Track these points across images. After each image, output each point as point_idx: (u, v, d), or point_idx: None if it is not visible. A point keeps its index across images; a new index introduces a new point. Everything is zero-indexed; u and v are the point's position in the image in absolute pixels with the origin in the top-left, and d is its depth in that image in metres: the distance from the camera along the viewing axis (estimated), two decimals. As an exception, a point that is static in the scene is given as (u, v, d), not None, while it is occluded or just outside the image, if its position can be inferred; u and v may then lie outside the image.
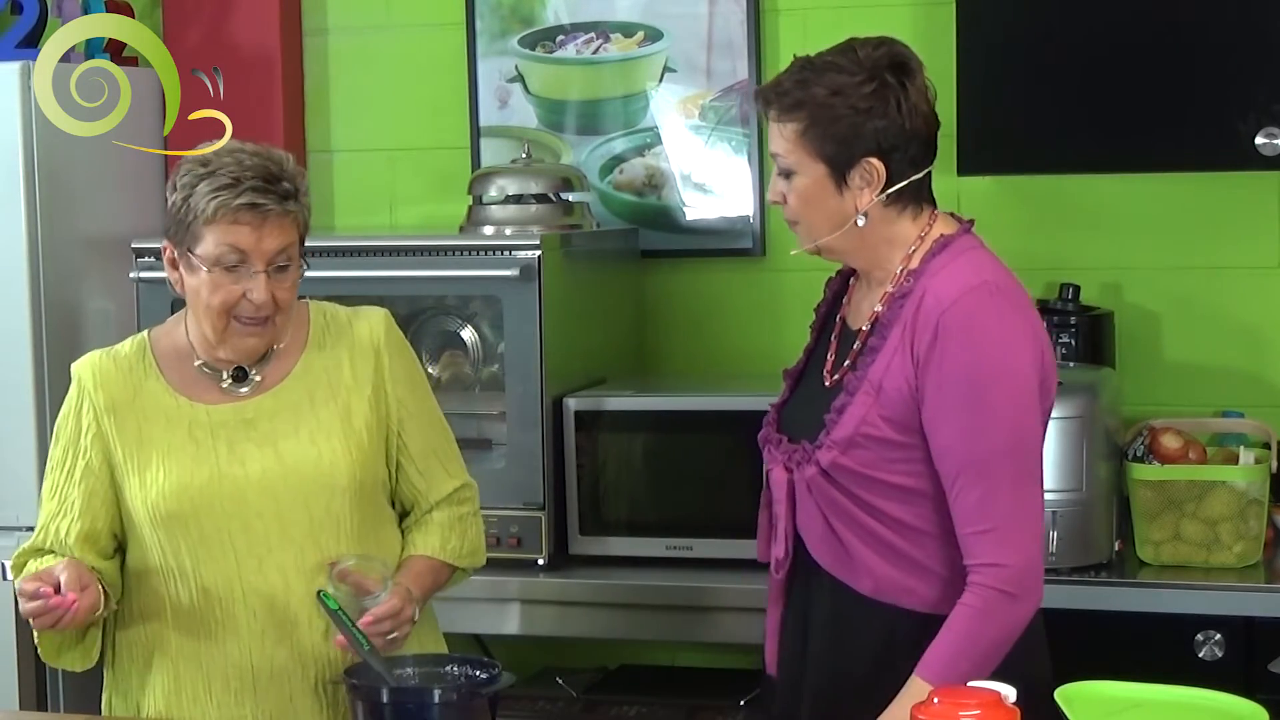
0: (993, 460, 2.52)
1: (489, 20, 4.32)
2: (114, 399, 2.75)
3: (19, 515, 4.11)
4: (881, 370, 2.59)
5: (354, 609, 2.62)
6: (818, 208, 2.64)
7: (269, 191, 2.64)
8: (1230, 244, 3.90)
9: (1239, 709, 2.27)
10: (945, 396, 2.54)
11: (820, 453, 2.63)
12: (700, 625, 3.65)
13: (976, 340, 2.53)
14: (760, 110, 2.70)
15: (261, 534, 2.69)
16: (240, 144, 2.72)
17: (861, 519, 2.62)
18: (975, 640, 2.51)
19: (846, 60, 2.63)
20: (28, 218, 4.09)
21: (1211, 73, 3.51)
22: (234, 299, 2.66)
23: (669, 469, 3.75)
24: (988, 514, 2.52)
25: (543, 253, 3.67)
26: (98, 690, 2.97)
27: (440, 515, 2.85)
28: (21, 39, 4.23)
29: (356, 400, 2.77)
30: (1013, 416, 2.53)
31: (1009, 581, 2.51)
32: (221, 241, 2.63)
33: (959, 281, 2.57)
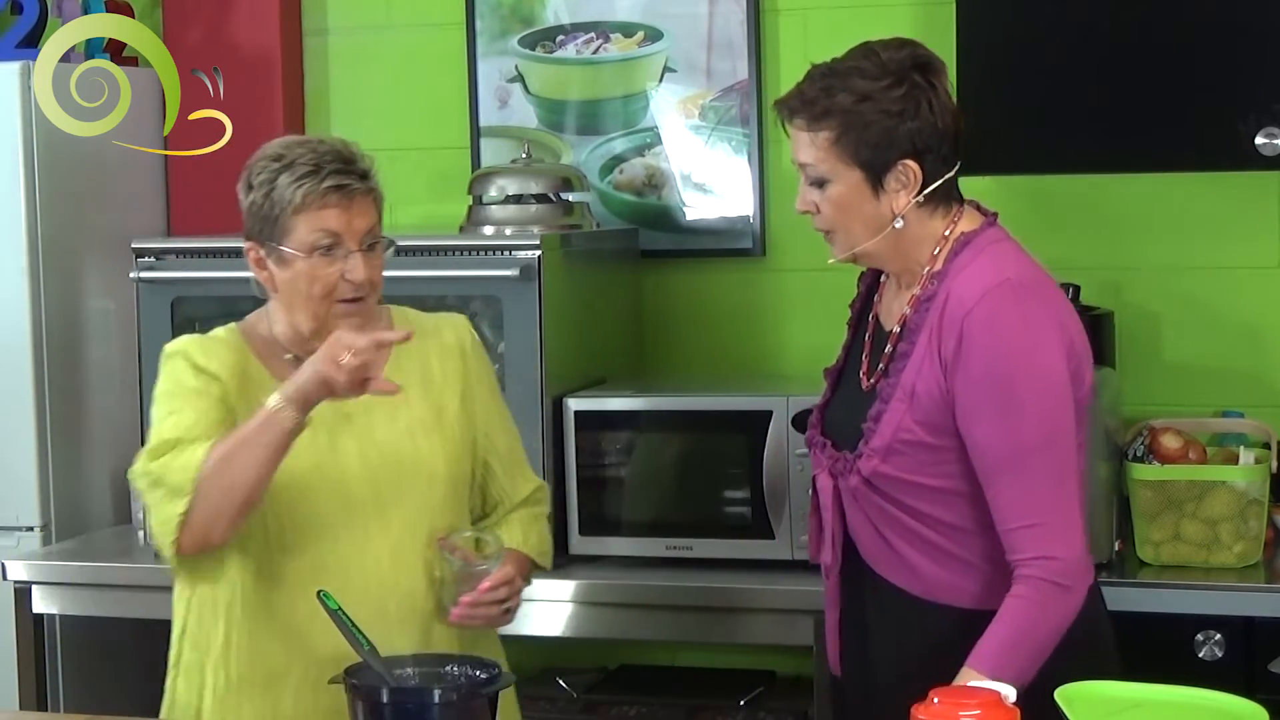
0: (1030, 456, 2.54)
1: (489, 20, 4.32)
2: (229, 370, 2.74)
3: (19, 515, 4.12)
4: (913, 376, 2.61)
5: (466, 580, 2.69)
6: (855, 214, 2.65)
7: (349, 172, 2.69)
8: (1230, 244, 3.90)
9: (1239, 709, 2.27)
10: (976, 397, 2.56)
11: (861, 462, 2.65)
12: (700, 625, 3.65)
13: (1000, 339, 2.55)
14: (784, 120, 2.69)
15: (361, 522, 2.71)
16: (304, 136, 2.80)
17: (907, 523, 2.65)
18: (1031, 632, 2.53)
19: (870, 64, 2.63)
20: (28, 218, 4.09)
21: (1211, 73, 3.51)
22: (333, 282, 2.69)
23: (669, 469, 3.75)
24: (1031, 509, 2.54)
25: (543, 253, 3.67)
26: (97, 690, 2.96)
27: (520, 514, 2.92)
28: (21, 39, 4.23)
29: (448, 398, 2.83)
30: (1045, 411, 2.55)
31: (1061, 573, 2.53)
32: (314, 227, 2.67)
33: (980, 282, 2.58)
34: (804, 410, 3.56)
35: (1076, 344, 2.63)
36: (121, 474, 4.20)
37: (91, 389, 4.23)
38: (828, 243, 2.73)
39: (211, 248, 3.94)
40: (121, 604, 3.94)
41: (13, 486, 4.11)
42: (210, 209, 4.41)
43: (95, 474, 4.24)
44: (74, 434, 4.19)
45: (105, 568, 3.96)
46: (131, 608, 3.94)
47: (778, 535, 3.61)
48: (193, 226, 4.40)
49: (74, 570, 3.96)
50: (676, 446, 3.76)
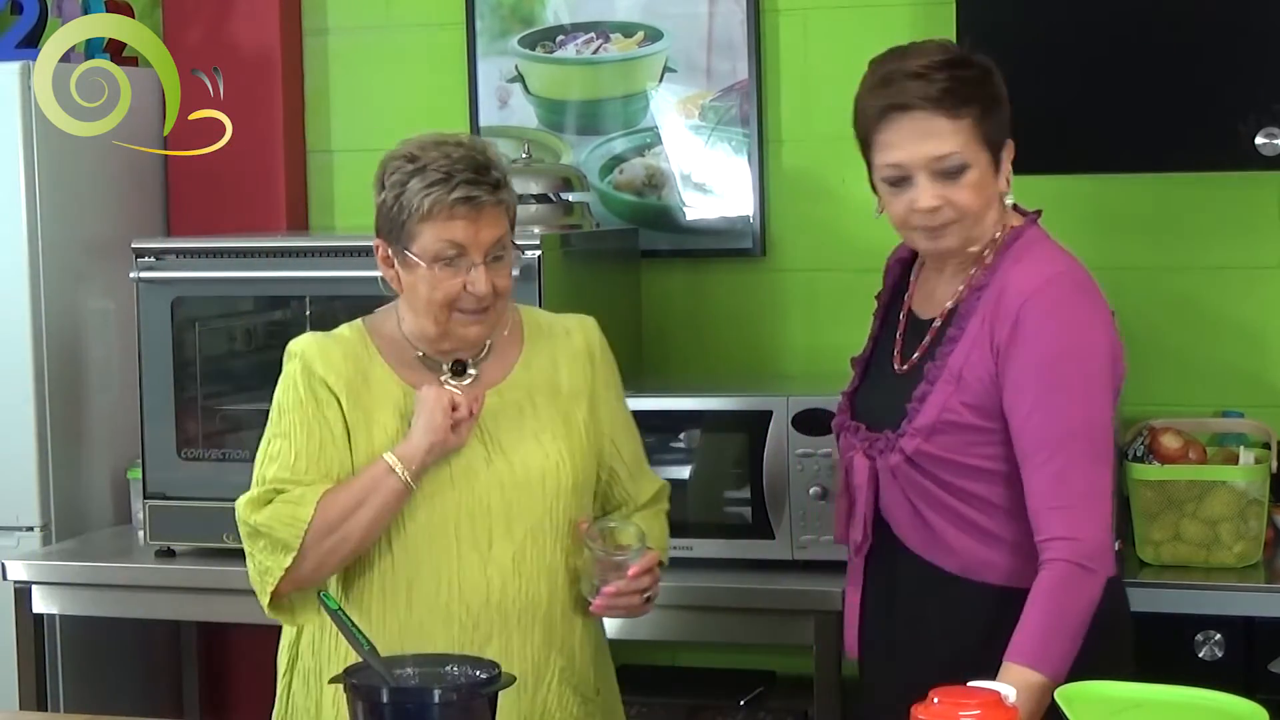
0: (1069, 438, 2.59)
1: (489, 20, 4.32)
2: (344, 379, 2.72)
3: (19, 515, 4.12)
4: (961, 360, 2.66)
5: (610, 569, 2.70)
6: (986, 199, 2.69)
7: (481, 183, 2.65)
8: (1230, 244, 3.90)
9: (1239, 709, 2.27)
10: (1025, 379, 2.61)
11: (904, 440, 2.69)
12: (700, 625, 3.65)
13: (1055, 326, 2.62)
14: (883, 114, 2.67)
15: (485, 528, 2.70)
16: (442, 135, 2.72)
17: (946, 500, 2.69)
18: (1062, 617, 2.56)
19: (961, 55, 2.71)
20: (28, 218, 4.09)
21: (1211, 73, 3.51)
22: (455, 292, 2.67)
23: (669, 469, 3.75)
24: (1063, 490, 2.58)
25: (543, 253, 3.67)
26: (97, 690, 2.96)
27: (644, 512, 2.91)
28: (21, 39, 4.23)
29: (575, 404, 2.81)
30: (1088, 396, 2.62)
31: (1084, 555, 2.57)
32: (439, 237, 2.64)
33: (1038, 273, 2.65)
34: (804, 410, 3.59)
35: (1116, 343, 2.71)
36: (122, 474, 4.22)
37: (91, 389, 4.24)
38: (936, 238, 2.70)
39: (211, 248, 3.94)
40: (121, 604, 3.94)
41: (13, 486, 4.12)
42: (210, 209, 4.42)
43: (95, 474, 4.24)
44: (74, 434, 4.19)
45: (105, 568, 3.96)
46: (131, 608, 3.95)
47: (778, 535, 3.61)
48: (193, 226, 4.40)
49: (74, 570, 3.96)
50: (676, 446, 3.76)
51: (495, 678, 2.46)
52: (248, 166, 4.36)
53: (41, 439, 4.12)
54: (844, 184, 4.09)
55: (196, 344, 4.03)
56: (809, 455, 3.58)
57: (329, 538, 2.64)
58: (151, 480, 3.94)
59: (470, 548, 2.70)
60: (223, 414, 4.00)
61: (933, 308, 2.77)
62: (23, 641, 3.93)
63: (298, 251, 3.90)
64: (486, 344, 2.77)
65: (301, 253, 3.90)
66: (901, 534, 2.75)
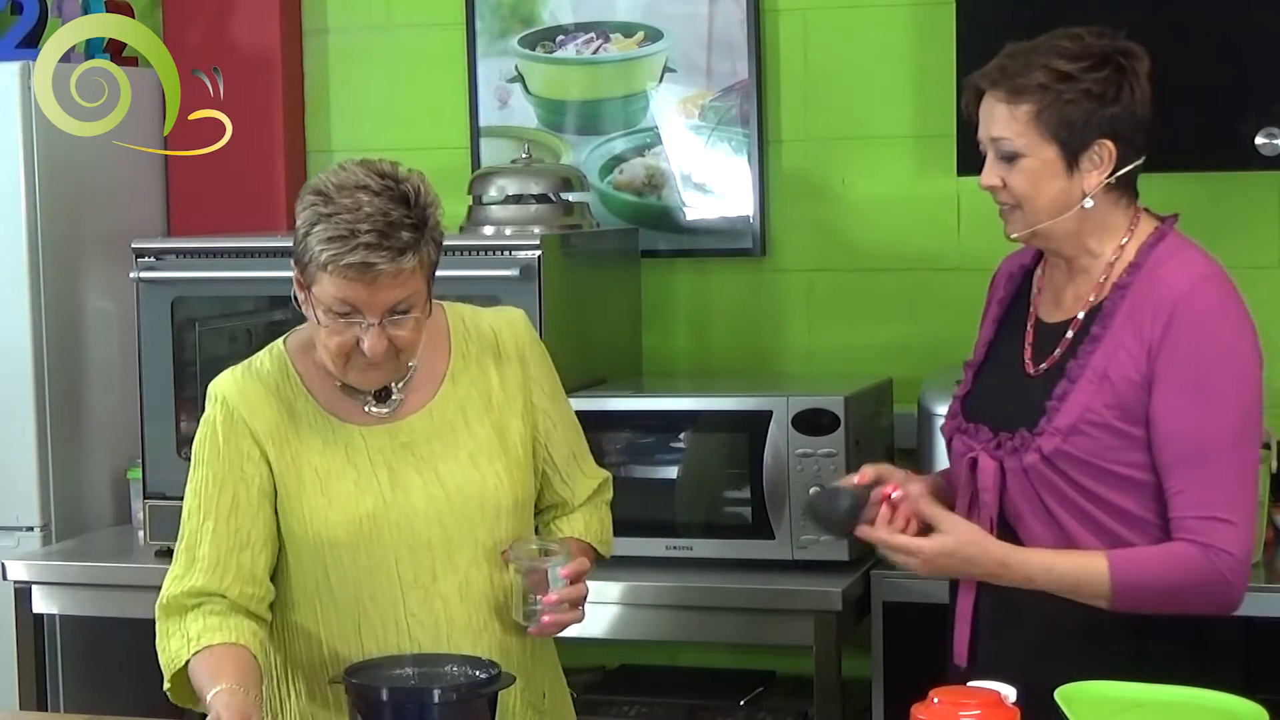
0: (1222, 449, 2.57)
1: (489, 20, 4.32)
2: (269, 422, 2.62)
3: (19, 515, 4.12)
4: (1106, 358, 2.63)
5: (538, 584, 2.61)
6: (1044, 190, 2.66)
7: (383, 248, 2.45)
8: (1230, 244, 3.88)
9: (1239, 709, 2.27)
10: (1177, 381, 2.58)
11: (1042, 439, 2.65)
12: (700, 625, 3.65)
13: (1212, 327, 2.59)
14: (977, 92, 2.70)
15: (428, 563, 2.62)
16: (367, 173, 2.51)
17: (1083, 505, 2.64)
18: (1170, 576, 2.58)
19: (1072, 44, 2.67)
20: (28, 218, 4.09)
21: (1211, 73, 3.51)
22: (349, 345, 2.53)
23: (669, 469, 3.75)
24: (1214, 502, 2.57)
25: (543, 253, 3.67)
26: (97, 690, 2.96)
27: (583, 508, 2.83)
28: (21, 39, 4.23)
29: (510, 415, 2.70)
30: (1243, 407, 2.60)
31: (1229, 567, 2.57)
32: (334, 294, 2.49)
33: (1192, 271, 2.63)
34: (804, 410, 3.58)
35: (1260, 348, 2.67)
36: (122, 474, 4.22)
37: (91, 389, 4.24)
38: (1003, 219, 2.72)
39: (211, 248, 3.94)
40: (121, 604, 3.94)
41: (13, 486, 4.12)
42: (210, 209, 4.42)
43: (95, 474, 4.24)
44: (74, 434, 4.19)
45: (105, 568, 3.96)
46: (131, 608, 3.94)
47: (778, 535, 3.61)
48: (193, 226, 4.40)
49: (74, 570, 3.96)
50: (676, 446, 3.77)
51: (495, 678, 2.46)
52: (248, 166, 4.36)
53: (41, 439, 4.12)
54: (844, 184, 4.10)
55: (196, 344, 4.03)
56: (809, 455, 3.58)
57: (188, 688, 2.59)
58: (151, 480, 3.94)
59: (413, 585, 2.62)
60: (223, 414, 3.99)
61: (1060, 311, 2.73)
62: (23, 641, 3.93)
63: (298, 251, 3.90)
64: (410, 366, 2.65)
65: (301, 253, 3.89)
66: (1029, 538, 2.68)
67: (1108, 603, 2.60)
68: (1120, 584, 2.58)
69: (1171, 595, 2.59)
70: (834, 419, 3.56)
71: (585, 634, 3.73)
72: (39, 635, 3.95)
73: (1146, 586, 2.59)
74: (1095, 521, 2.64)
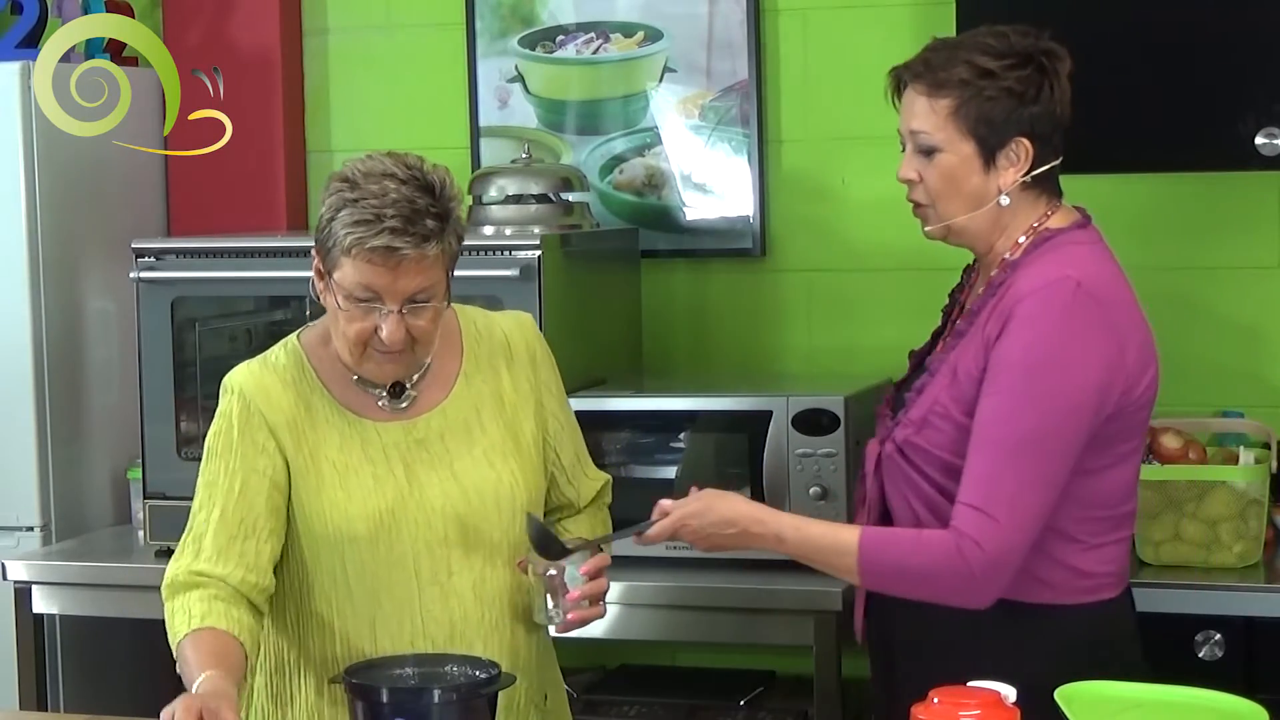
0: (1012, 445, 2.54)
1: (489, 20, 4.32)
2: (285, 414, 2.63)
3: (19, 515, 4.12)
4: (960, 354, 2.64)
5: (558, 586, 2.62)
6: (959, 186, 2.67)
7: (408, 233, 2.49)
8: (1230, 244, 3.90)
9: (1239, 709, 2.27)
10: (995, 377, 2.57)
11: (897, 430, 2.69)
12: (700, 625, 3.65)
13: (1038, 330, 2.57)
14: (900, 86, 2.72)
15: (444, 559, 2.63)
16: (393, 162, 2.55)
17: (930, 495, 2.66)
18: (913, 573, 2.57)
19: (997, 42, 2.67)
20: (28, 218, 4.09)
21: (1211, 73, 3.51)
22: (367, 332, 2.55)
23: (669, 469, 3.75)
24: (990, 496, 2.54)
25: (543, 253, 3.67)
26: (97, 690, 2.95)
27: (585, 511, 2.85)
28: (21, 39, 4.23)
29: (522, 416, 2.72)
30: (1049, 409, 2.55)
31: (981, 564, 2.53)
32: (355, 279, 2.51)
33: (1044, 275, 2.61)
34: (804, 410, 3.59)
35: (1130, 359, 2.61)
36: (122, 474, 4.22)
37: (91, 389, 4.24)
38: (918, 216, 2.74)
39: (211, 248, 3.94)
40: (121, 604, 3.94)
41: (13, 486, 4.12)
42: (210, 209, 4.42)
43: (95, 474, 4.24)
44: (74, 434, 4.19)
45: (105, 568, 3.96)
46: (131, 608, 3.94)
47: (778, 535, 3.60)
48: (193, 226, 4.40)
49: (74, 570, 3.96)
50: (676, 446, 3.77)
51: (495, 677, 2.46)
52: (248, 166, 4.36)
53: (41, 439, 4.12)
54: (844, 184, 4.10)
55: (196, 344, 4.03)
56: (809, 455, 3.58)
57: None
58: (151, 480, 3.94)
59: (430, 581, 2.63)
60: (223, 414, 3.99)
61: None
62: (23, 641, 3.93)
63: (298, 251, 3.90)
64: (425, 364, 2.67)
65: (301, 253, 3.87)
66: (897, 522, 2.72)
67: (857, 578, 2.62)
68: (867, 560, 2.59)
69: (917, 579, 2.59)
70: (834, 419, 3.57)
71: (585, 634, 3.71)
72: (39, 635, 3.95)
73: (894, 565, 2.59)
74: (942, 513, 2.64)
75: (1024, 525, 2.55)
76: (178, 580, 2.63)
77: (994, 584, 2.56)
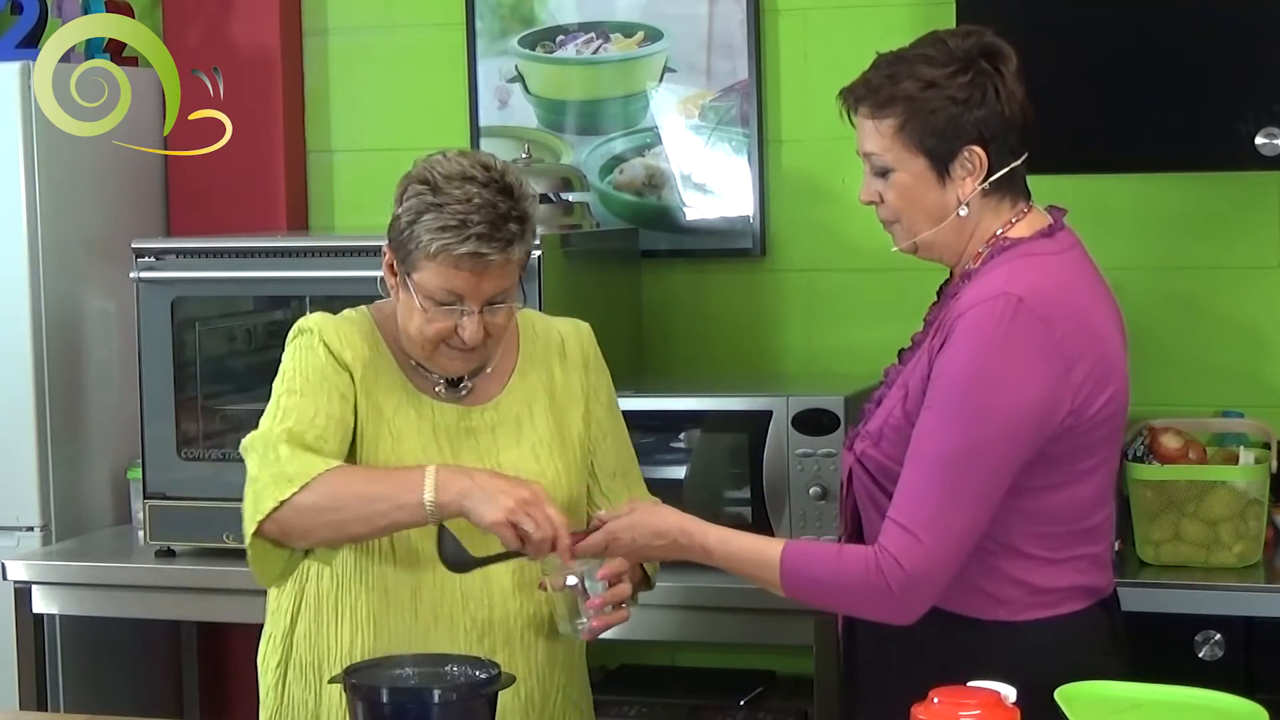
0: (938, 462, 2.49)
1: (489, 20, 4.32)
2: (360, 360, 2.66)
3: (19, 515, 4.12)
4: (911, 367, 2.63)
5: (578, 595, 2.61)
6: (918, 203, 2.63)
7: (494, 239, 2.53)
8: (1230, 244, 3.90)
9: (1239, 709, 2.27)
10: (931, 392, 2.54)
11: (857, 442, 2.68)
12: (700, 625, 3.65)
13: (972, 346, 2.51)
14: (848, 109, 2.68)
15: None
16: (473, 165, 2.58)
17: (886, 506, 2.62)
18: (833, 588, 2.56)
19: (937, 51, 2.62)
20: (28, 218, 4.09)
21: (1211, 73, 3.51)
22: (447, 332, 2.59)
23: (668, 469, 3.75)
24: (913, 509, 2.50)
25: (543, 253, 3.67)
26: (97, 690, 2.95)
27: None
28: (21, 39, 4.23)
29: (571, 415, 2.76)
30: (977, 428, 2.49)
31: (900, 582, 2.49)
32: (439, 283, 2.56)
33: (984, 290, 2.55)
34: (804, 410, 3.59)
35: (1078, 377, 2.53)
36: (122, 474, 4.21)
37: (91, 389, 4.23)
38: (889, 233, 2.72)
39: (211, 248, 3.94)
40: (121, 604, 3.94)
41: (13, 486, 4.11)
42: (210, 209, 4.42)
43: (95, 474, 4.24)
44: (74, 434, 4.19)
45: (105, 568, 3.96)
46: (131, 608, 3.95)
47: (778, 535, 3.60)
48: (193, 226, 4.40)
49: (74, 570, 3.96)
50: (676, 447, 3.76)
51: (495, 678, 2.46)
52: (248, 166, 4.36)
53: (41, 439, 4.11)
54: (844, 184, 4.09)
55: (196, 344, 4.03)
56: (809, 455, 3.58)
57: (331, 510, 2.52)
58: (151, 480, 3.94)
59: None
60: (223, 414, 4.00)
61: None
62: (23, 641, 3.93)
63: (298, 251, 3.90)
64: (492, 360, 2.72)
65: (301, 253, 3.90)
66: (868, 535, 2.67)
67: (781, 590, 2.60)
68: (789, 573, 2.57)
69: (838, 594, 2.58)
70: (834, 419, 3.57)
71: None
72: (39, 635, 3.95)
73: (815, 579, 2.57)
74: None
75: (948, 544, 2.50)
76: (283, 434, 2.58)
77: (914, 601, 2.51)
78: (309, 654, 2.74)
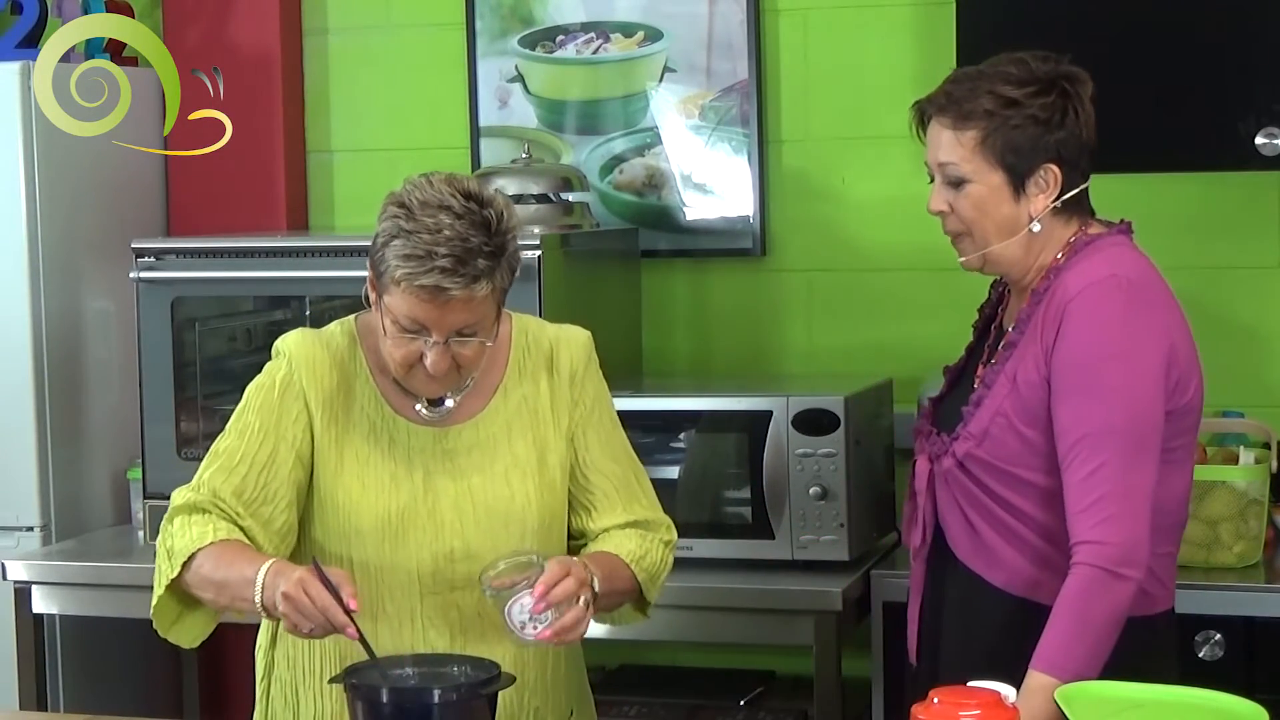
0: (1103, 437, 2.55)
1: (489, 20, 4.32)
2: (326, 393, 2.64)
3: (19, 515, 4.12)
4: (1016, 364, 2.65)
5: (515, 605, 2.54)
6: (991, 215, 2.68)
7: (458, 273, 2.46)
8: (1230, 244, 3.90)
9: (1239, 709, 2.27)
10: (1064, 378, 2.59)
11: (956, 444, 2.69)
12: (700, 625, 3.65)
13: (1095, 324, 2.58)
14: (923, 119, 2.72)
15: (447, 572, 2.62)
16: (451, 194, 2.51)
17: (996, 513, 2.67)
18: (1084, 622, 2.53)
19: (1018, 70, 2.68)
20: (28, 218, 4.09)
21: (1211, 73, 3.51)
22: (414, 356, 2.55)
23: (669, 469, 3.75)
24: (1095, 490, 2.54)
25: (543, 253, 3.67)
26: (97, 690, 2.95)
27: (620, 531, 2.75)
28: (21, 39, 4.23)
29: (554, 435, 2.70)
30: (1128, 395, 2.56)
31: (1111, 559, 2.53)
32: (404, 310, 2.51)
33: (1089, 274, 2.62)
34: (804, 410, 3.59)
35: (1181, 354, 2.64)
36: (122, 474, 4.21)
37: (91, 389, 4.23)
38: (954, 246, 2.75)
39: (211, 248, 3.94)
40: (121, 604, 3.94)
41: (13, 486, 4.12)
42: (210, 209, 4.42)
43: (95, 474, 4.24)
44: (74, 434, 4.19)
45: (105, 568, 3.96)
46: (131, 608, 3.93)
47: (778, 535, 3.61)
48: (193, 226, 4.40)
49: (74, 570, 3.96)
50: (677, 447, 3.76)
51: (495, 678, 2.46)
52: (248, 166, 4.36)
53: (41, 439, 4.11)
54: (844, 184, 4.10)
55: (196, 344, 4.03)
56: (809, 455, 3.58)
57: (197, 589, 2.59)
58: (151, 480, 3.94)
59: (431, 590, 2.63)
60: (223, 414, 3.97)
61: (1010, 320, 2.76)
62: (23, 641, 3.93)
63: (298, 251, 3.90)
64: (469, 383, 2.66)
65: (301, 253, 3.90)
66: (951, 540, 2.73)
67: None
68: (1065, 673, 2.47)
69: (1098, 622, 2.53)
70: (834, 419, 3.57)
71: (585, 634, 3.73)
72: (39, 635, 3.95)
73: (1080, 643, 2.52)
74: (1009, 529, 2.66)
75: (1136, 506, 2.56)
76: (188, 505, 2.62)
77: (1134, 570, 2.54)
78: (287, 673, 2.73)
